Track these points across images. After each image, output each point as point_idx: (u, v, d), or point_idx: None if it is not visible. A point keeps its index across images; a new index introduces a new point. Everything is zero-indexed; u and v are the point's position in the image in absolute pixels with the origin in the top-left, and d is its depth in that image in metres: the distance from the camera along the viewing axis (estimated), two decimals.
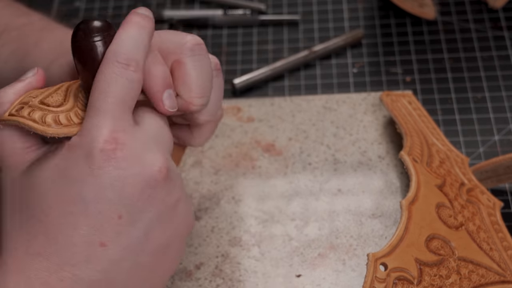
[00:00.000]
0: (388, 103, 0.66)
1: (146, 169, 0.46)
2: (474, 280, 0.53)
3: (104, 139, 0.45)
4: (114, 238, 0.46)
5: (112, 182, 0.45)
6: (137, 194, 0.46)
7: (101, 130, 0.45)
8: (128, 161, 0.45)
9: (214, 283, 0.58)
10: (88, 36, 0.47)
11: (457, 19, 0.79)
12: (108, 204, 0.45)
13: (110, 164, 0.45)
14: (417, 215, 0.54)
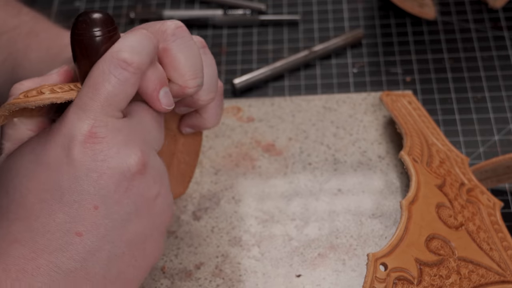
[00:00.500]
0: (388, 103, 0.66)
1: (123, 163, 0.46)
2: (474, 280, 0.53)
3: (83, 133, 0.46)
4: (90, 228, 0.46)
5: (88, 173, 0.46)
6: (114, 186, 0.46)
7: (83, 124, 0.46)
8: (106, 154, 0.46)
9: (214, 283, 0.58)
10: (89, 28, 0.47)
11: (457, 19, 0.79)
12: (84, 195, 0.46)
13: (87, 156, 0.46)
14: (417, 215, 0.54)
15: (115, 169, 0.46)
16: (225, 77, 0.76)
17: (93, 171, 0.46)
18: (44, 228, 0.45)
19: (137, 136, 0.48)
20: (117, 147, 0.46)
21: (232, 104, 0.72)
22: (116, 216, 0.47)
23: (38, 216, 0.46)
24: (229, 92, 0.75)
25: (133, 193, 0.47)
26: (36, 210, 0.46)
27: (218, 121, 0.57)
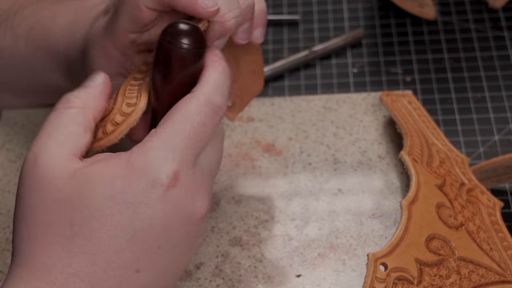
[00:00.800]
0: (388, 103, 0.66)
1: (195, 211, 0.47)
2: (474, 280, 0.53)
3: (167, 174, 0.45)
4: (149, 265, 0.46)
5: (162, 215, 0.45)
6: (178, 229, 0.46)
7: (168, 164, 0.45)
8: (182, 200, 0.46)
9: (214, 283, 0.58)
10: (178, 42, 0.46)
11: (457, 19, 0.79)
12: (154, 235, 0.45)
13: (166, 199, 0.45)
14: (417, 215, 0.54)
15: (186, 214, 0.46)
16: None
17: (167, 214, 0.45)
18: (108, 265, 0.45)
19: (207, 182, 0.48)
20: (192, 194, 0.46)
21: None
22: (170, 255, 0.47)
23: (105, 252, 0.45)
24: None
25: (190, 236, 0.47)
26: (104, 247, 0.45)
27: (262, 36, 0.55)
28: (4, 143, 0.69)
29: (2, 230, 0.63)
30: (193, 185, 0.46)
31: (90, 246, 0.44)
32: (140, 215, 0.45)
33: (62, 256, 0.44)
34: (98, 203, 0.44)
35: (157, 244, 0.46)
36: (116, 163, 0.45)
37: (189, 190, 0.46)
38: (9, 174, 0.67)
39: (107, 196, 0.44)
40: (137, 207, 0.45)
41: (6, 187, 0.66)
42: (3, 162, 0.68)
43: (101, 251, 0.44)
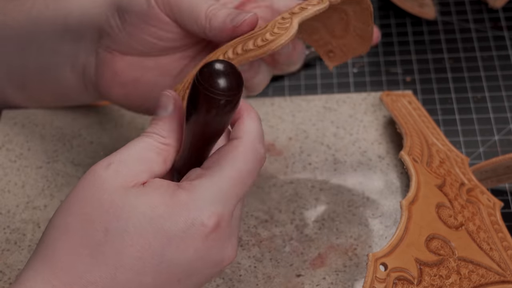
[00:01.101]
0: (388, 103, 0.66)
1: (223, 258, 0.47)
2: (474, 280, 0.53)
3: (209, 216, 0.45)
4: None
5: (194, 255, 0.45)
6: (203, 271, 0.47)
7: (212, 207, 0.45)
8: (216, 245, 0.46)
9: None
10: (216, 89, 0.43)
11: (457, 19, 0.79)
12: (179, 270, 0.46)
13: (202, 241, 0.45)
14: (417, 215, 0.54)
15: (215, 259, 0.46)
16: None
17: (198, 255, 0.46)
18: (126, 284, 0.45)
19: (237, 231, 0.48)
20: (225, 241, 0.47)
21: None
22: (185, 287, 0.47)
23: (127, 270, 0.45)
24: None
25: (210, 275, 0.48)
26: (129, 265, 0.45)
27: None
28: (4, 143, 0.69)
29: (2, 230, 0.63)
30: (227, 233, 0.47)
31: (116, 259, 0.44)
32: (172, 247, 0.45)
33: (86, 261, 0.44)
34: (137, 220, 0.45)
35: (178, 278, 0.46)
36: (164, 192, 0.46)
37: (224, 236, 0.46)
38: (9, 174, 0.67)
39: (147, 217, 0.45)
40: (172, 238, 0.45)
41: (6, 187, 0.66)
42: (3, 162, 0.68)
43: (124, 267, 0.44)
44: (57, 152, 0.68)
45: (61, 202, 0.63)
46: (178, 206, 0.45)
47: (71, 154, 0.68)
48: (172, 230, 0.45)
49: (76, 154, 0.68)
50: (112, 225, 0.44)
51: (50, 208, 0.64)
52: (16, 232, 0.62)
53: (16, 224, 0.63)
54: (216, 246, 0.46)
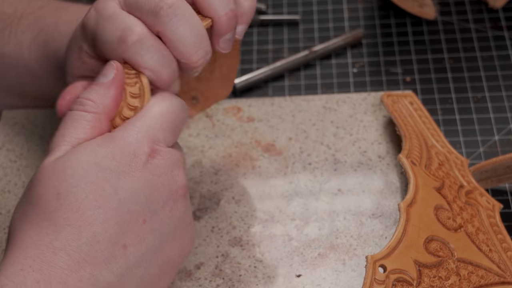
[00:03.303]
0: (388, 104, 0.66)
1: (174, 182, 0.48)
2: (473, 281, 0.53)
3: (149, 144, 0.47)
4: (135, 241, 0.46)
5: (145, 185, 0.46)
6: (162, 203, 0.47)
7: (148, 138, 0.47)
8: (162, 170, 0.47)
9: (214, 283, 0.58)
10: None
11: (457, 19, 0.79)
12: (138, 206, 0.46)
13: (147, 168, 0.46)
14: (416, 217, 0.54)
15: (166, 186, 0.47)
16: None
17: (149, 184, 0.46)
18: (94, 238, 0.44)
19: (182, 163, 0.49)
20: (171, 166, 0.48)
21: (232, 104, 0.72)
22: (157, 233, 0.47)
23: (91, 224, 0.45)
24: None
25: (175, 215, 0.48)
26: (90, 217, 0.45)
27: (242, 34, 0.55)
28: (4, 143, 0.69)
29: (2, 230, 0.63)
30: (172, 159, 0.48)
31: (76, 217, 0.44)
32: (123, 184, 0.45)
33: (49, 230, 0.44)
34: (83, 170, 0.45)
35: (142, 217, 0.46)
36: (101, 137, 0.47)
37: (168, 162, 0.47)
38: (9, 174, 0.67)
39: (91, 163, 0.45)
40: (120, 175, 0.45)
41: (6, 187, 0.66)
42: (3, 162, 0.68)
43: (87, 221, 0.44)
44: None
45: None
46: (117, 142, 0.46)
47: None
48: (118, 167, 0.45)
49: None
50: (61, 188, 0.45)
51: None
52: None
53: None
54: (163, 173, 0.47)
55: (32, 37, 0.63)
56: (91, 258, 0.44)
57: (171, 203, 0.48)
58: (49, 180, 0.45)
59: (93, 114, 0.48)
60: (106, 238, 0.45)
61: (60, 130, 0.48)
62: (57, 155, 0.46)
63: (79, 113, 0.48)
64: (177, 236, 0.49)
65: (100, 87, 0.48)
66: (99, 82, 0.49)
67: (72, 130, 0.47)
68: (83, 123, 0.47)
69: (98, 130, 0.48)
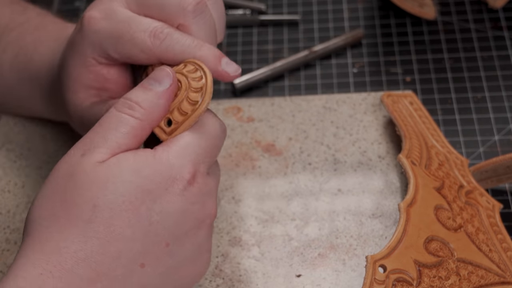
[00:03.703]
0: (388, 104, 0.66)
1: (203, 211, 0.48)
2: (473, 281, 0.53)
3: (190, 170, 0.47)
4: (154, 262, 0.46)
5: (177, 212, 0.46)
6: (187, 230, 0.47)
7: (189, 164, 0.47)
8: (196, 199, 0.47)
9: (214, 283, 0.58)
10: None
11: (457, 19, 0.79)
12: (165, 230, 0.46)
13: (184, 195, 0.46)
14: (416, 217, 0.54)
15: (196, 214, 0.47)
16: None
17: (181, 211, 0.46)
18: (117, 254, 0.45)
19: (215, 189, 0.49)
20: (205, 195, 0.48)
21: (232, 104, 0.72)
22: (176, 257, 0.47)
23: (118, 240, 0.45)
24: (229, 92, 0.75)
25: (196, 241, 0.48)
26: (120, 235, 0.45)
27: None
28: (4, 143, 0.69)
29: (2, 230, 0.63)
30: (207, 188, 0.48)
31: (106, 232, 0.45)
32: (158, 207, 0.46)
33: (76, 240, 0.44)
34: (124, 189, 0.45)
35: (165, 241, 0.46)
36: (144, 154, 0.46)
37: (203, 191, 0.47)
38: (9, 174, 0.67)
39: (134, 183, 0.45)
40: (158, 199, 0.45)
41: (6, 187, 0.66)
42: (3, 162, 0.68)
43: (115, 238, 0.45)
44: (57, 152, 0.68)
45: None
46: (160, 164, 0.46)
47: None
48: (157, 190, 0.45)
49: None
50: (99, 200, 0.45)
51: None
52: (16, 232, 0.62)
53: (16, 224, 0.63)
54: (197, 202, 0.47)
55: (12, 56, 0.63)
56: (110, 272, 0.45)
57: (195, 230, 0.48)
58: (88, 189, 0.45)
59: (139, 121, 0.47)
60: (128, 255, 0.45)
61: (102, 128, 0.47)
62: (97, 159, 0.46)
63: (126, 118, 0.47)
64: (194, 260, 0.49)
65: (152, 94, 0.48)
66: (152, 88, 0.48)
67: (115, 134, 0.46)
68: (128, 129, 0.47)
69: (140, 139, 0.47)
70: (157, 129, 0.48)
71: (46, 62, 0.59)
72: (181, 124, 0.48)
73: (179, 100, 0.48)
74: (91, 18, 0.51)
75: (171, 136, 0.48)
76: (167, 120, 0.48)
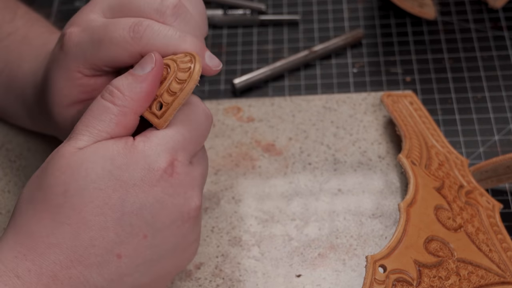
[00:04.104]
0: (388, 104, 0.66)
1: (186, 204, 0.47)
2: (473, 281, 0.53)
3: (167, 159, 0.46)
4: (131, 254, 0.46)
5: (154, 203, 0.46)
6: (168, 223, 0.47)
7: (167, 153, 0.46)
8: (175, 190, 0.46)
9: (214, 283, 0.58)
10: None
11: (457, 19, 0.79)
12: (141, 221, 0.46)
13: (160, 185, 0.46)
14: (415, 217, 0.54)
15: (177, 207, 0.47)
16: (225, 77, 0.76)
17: (159, 202, 0.46)
18: (90, 242, 0.45)
19: (199, 182, 0.48)
20: (186, 187, 0.47)
21: (232, 104, 0.72)
22: (157, 249, 0.47)
23: (89, 227, 0.45)
24: (229, 92, 0.75)
25: (180, 234, 0.48)
26: (90, 222, 0.45)
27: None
28: (4, 143, 0.69)
29: (2, 230, 0.63)
30: (188, 179, 0.47)
31: (77, 218, 0.45)
32: (131, 197, 0.45)
33: (48, 224, 0.45)
34: (95, 175, 0.45)
35: (143, 232, 0.46)
36: (122, 143, 0.46)
37: (183, 182, 0.47)
38: (9, 174, 0.67)
39: (106, 171, 0.45)
40: (131, 188, 0.45)
41: (6, 187, 0.66)
42: (3, 162, 0.68)
43: (86, 225, 0.45)
44: None
45: None
46: (135, 154, 0.46)
47: None
48: (130, 180, 0.45)
49: None
50: (71, 186, 0.45)
51: None
52: None
53: None
54: (177, 193, 0.46)
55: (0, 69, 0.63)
56: (84, 259, 0.45)
57: (179, 223, 0.47)
58: (62, 173, 0.45)
59: (120, 108, 0.47)
60: (102, 244, 0.45)
61: (85, 116, 0.47)
62: (77, 145, 0.46)
63: (107, 104, 0.47)
64: (178, 252, 0.49)
65: (133, 79, 0.47)
66: (134, 73, 0.48)
67: (96, 122, 0.47)
68: (109, 117, 0.47)
69: (123, 125, 0.47)
70: (148, 114, 0.48)
71: (30, 81, 0.59)
72: (170, 105, 0.47)
73: (168, 81, 0.48)
74: (71, 34, 0.51)
75: (162, 119, 0.47)
76: (159, 104, 0.48)
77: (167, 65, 0.48)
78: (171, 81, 0.48)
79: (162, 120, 0.48)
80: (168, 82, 0.48)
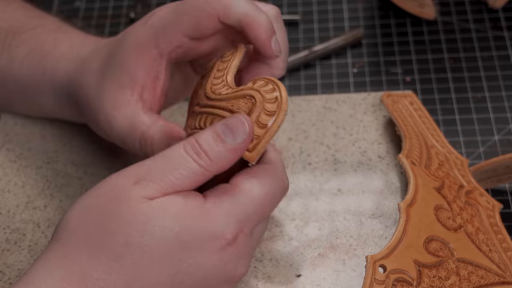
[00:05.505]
0: (388, 104, 0.66)
1: (235, 270, 0.47)
2: (473, 281, 0.53)
3: (234, 232, 0.46)
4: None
5: (209, 268, 0.46)
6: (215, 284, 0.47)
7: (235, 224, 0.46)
8: (230, 259, 0.47)
9: None
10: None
11: (457, 19, 0.79)
12: (192, 281, 0.46)
13: (219, 254, 0.46)
14: (415, 217, 0.54)
15: (228, 274, 0.47)
16: None
17: (213, 267, 0.46)
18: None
19: (253, 251, 0.49)
20: (240, 257, 0.47)
21: None
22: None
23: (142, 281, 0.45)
24: None
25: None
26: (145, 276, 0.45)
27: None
28: (4, 143, 0.69)
29: (2, 230, 0.63)
30: (245, 250, 0.47)
31: (132, 270, 0.45)
32: (190, 259, 0.45)
33: (101, 269, 0.45)
34: (161, 235, 0.45)
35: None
36: (192, 202, 0.46)
37: (240, 253, 0.47)
38: (9, 174, 0.67)
39: (173, 232, 0.45)
40: (193, 251, 0.45)
41: (6, 187, 0.66)
42: (3, 162, 0.68)
43: (140, 278, 0.45)
44: (57, 152, 0.68)
45: (60, 202, 0.63)
46: (205, 219, 0.45)
47: (71, 154, 0.68)
48: (194, 243, 0.45)
49: (76, 154, 0.68)
50: (134, 240, 0.44)
51: (50, 208, 0.64)
52: (16, 232, 0.62)
53: (16, 224, 0.63)
54: (231, 262, 0.47)
55: (26, 52, 0.63)
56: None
57: (220, 286, 0.48)
58: (127, 224, 0.45)
59: (203, 169, 0.46)
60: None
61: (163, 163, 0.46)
62: (147, 195, 0.45)
63: (188, 160, 0.46)
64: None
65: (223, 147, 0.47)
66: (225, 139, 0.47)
67: (174, 174, 0.46)
68: (189, 173, 0.46)
69: (198, 183, 0.47)
70: None
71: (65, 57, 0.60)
72: (262, 137, 0.47)
73: (256, 114, 0.47)
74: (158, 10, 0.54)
75: (254, 152, 0.47)
76: None
77: (251, 96, 0.48)
78: (260, 113, 0.47)
79: (254, 154, 0.47)
80: (256, 114, 0.47)
